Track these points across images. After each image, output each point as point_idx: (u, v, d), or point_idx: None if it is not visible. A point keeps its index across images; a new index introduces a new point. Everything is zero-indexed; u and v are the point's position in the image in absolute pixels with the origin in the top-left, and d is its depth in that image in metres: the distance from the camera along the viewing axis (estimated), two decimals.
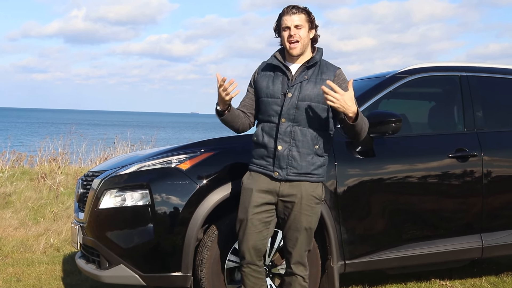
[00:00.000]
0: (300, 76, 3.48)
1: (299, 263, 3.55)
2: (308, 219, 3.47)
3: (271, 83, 3.52)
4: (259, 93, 3.57)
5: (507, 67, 5.09)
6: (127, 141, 14.36)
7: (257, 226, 3.47)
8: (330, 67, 3.54)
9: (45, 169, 11.56)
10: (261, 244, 3.51)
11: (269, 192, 3.47)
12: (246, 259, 3.52)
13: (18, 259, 6.11)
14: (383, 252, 4.31)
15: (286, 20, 3.48)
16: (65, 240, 6.77)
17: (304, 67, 3.51)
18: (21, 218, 7.80)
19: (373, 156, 4.29)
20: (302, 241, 3.51)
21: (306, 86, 3.45)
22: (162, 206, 3.88)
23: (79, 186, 4.62)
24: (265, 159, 3.48)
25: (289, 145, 3.42)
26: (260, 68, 3.65)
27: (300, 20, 3.47)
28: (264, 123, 3.53)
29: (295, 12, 3.47)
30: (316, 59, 3.52)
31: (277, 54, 3.59)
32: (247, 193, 3.51)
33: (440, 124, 4.97)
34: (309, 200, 3.45)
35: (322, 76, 3.47)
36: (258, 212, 3.47)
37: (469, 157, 4.52)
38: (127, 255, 3.92)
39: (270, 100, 3.49)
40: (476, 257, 4.66)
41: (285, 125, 3.42)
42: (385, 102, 4.68)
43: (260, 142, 3.50)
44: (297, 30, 3.46)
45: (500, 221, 4.66)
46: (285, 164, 3.42)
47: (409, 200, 4.41)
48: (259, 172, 3.50)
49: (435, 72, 4.81)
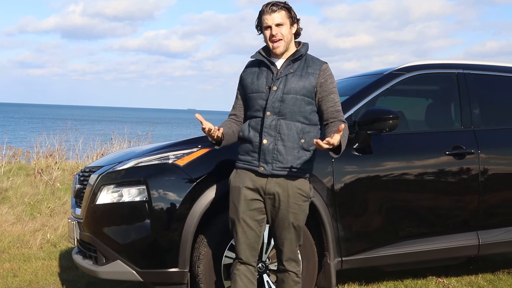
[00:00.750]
0: (285, 70, 3.44)
1: (291, 259, 3.50)
2: (295, 217, 3.41)
3: (256, 78, 3.48)
4: (245, 90, 3.53)
5: (504, 65, 5.10)
6: (124, 136, 14.34)
7: (249, 224, 3.42)
8: (316, 61, 3.48)
9: (42, 165, 11.54)
10: (255, 241, 3.46)
11: (256, 190, 3.42)
12: (242, 259, 3.47)
13: (14, 254, 6.10)
14: (380, 249, 4.32)
15: (267, 19, 3.41)
16: (62, 236, 6.77)
17: (289, 60, 3.46)
18: (17, 213, 7.79)
19: (370, 153, 4.30)
20: (292, 238, 3.46)
21: (292, 79, 3.39)
22: (159, 202, 3.88)
23: (76, 182, 4.61)
24: (250, 155, 3.44)
25: (274, 138, 3.36)
26: (246, 66, 3.62)
27: (281, 17, 3.40)
28: (251, 119, 3.49)
29: (275, 10, 3.40)
30: (301, 52, 3.47)
31: (261, 51, 3.54)
32: (235, 192, 3.46)
33: (437, 122, 4.98)
34: (296, 197, 3.40)
35: (308, 70, 3.42)
36: (250, 210, 3.42)
37: (466, 155, 4.53)
38: (124, 251, 3.92)
39: (255, 95, 3.46)
40: (473, 254, 4.67)
41: (270, 119, 3.37)
42: (382, 99, 4.69)
43: (246, 136, 3.46)
44: (279, 29, 3.40)
45: (496, 218, 4.68)
46: (271, 159, 3.36)
47: (406, 197, 4.42)
48: (244, 169, 3.46)
49: (432, 70, 4.82)
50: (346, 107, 4.34)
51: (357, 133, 4.25)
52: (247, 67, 3.61)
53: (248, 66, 3.61)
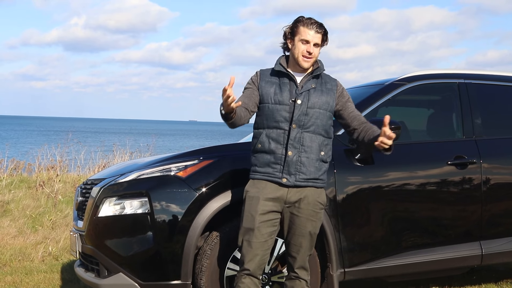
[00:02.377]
0: (307, 84, 3.54)
1: (302, 267, 3.59)
2: (313, 224, 3.53)
3: (279, 90, 3.53)
4: (265, 99, 3.54)
5: (506, 74, 5.10)
6: (126, 148, 14.34)
7: (263, 235, 3.46)
8: (331, 78, 3.66)
9: (43, 177, 11.54)
10: (265, 253, 3.50)
11: (277, 199, 3.47)
12: (249, 270, 3.47)
13: (16, 267, 6.08)
14: (383, 260, 4.30)
15: (308, 35, 3.50)
16: (64, 249, 6.75)
17: (310, 76, 3.57)
18: (19, 226, 7.77)
19: (372, 164, 4.29)
20: (306, 246, 3.55)
21: (314, 94, 3.52)
22: (161, 214, 3.88)
23: (78, 194, 4.61)
24: (271, 166, 3.48)
25: (298, 151, 3.46)
26: (263, 73, 3.63)
27: (319, 39, 3.53)
28: (270, 129, 3.51)
29: (319, 32, 3.51)
30: (321, 70, 3.61)
31: (283, 62, 3.60)
32: (253, 202, 3.48)
33: (439, 132, 4.98)
34: (314, 205, 3.51)
35: (327, 86, 3.60)
36: (265, 221, 3.46)
37: (468, 165, 4.53)
38: (127, 264, 3.91)
39: (278, 107, 3.49)
40: (476, 264, 4.66)
41: (295, 131, 3.46)
42: (384, 110, 4.69)
43: (267, 148, 3.49)
44: (315, 48, 3.53)
45: (499, 228, 4.66)
46: (294, 170, 3.45)
47: (408, 208, 4.41)
48: (264, 180, 3.49)
49: (434, 80, 4.82)
50: None
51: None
52: (264, 75, 3.61)
53: (265, 75, 3.62)
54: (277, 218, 3.51)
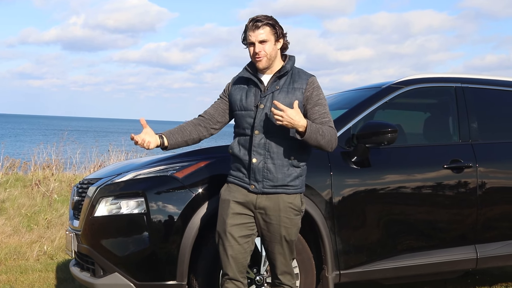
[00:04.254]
0: (271, 87, 3.41)
1: (285, 272, 3.49)
2: (287, 231, 3.40)
3: (244, 96, 3.46)
4: (233, 106, 3.51)
5: (503, 79, 5.12)
6: (122, 148, 14.32)
7: (236, 238, 3.38)
8: (303, 75, 3.44)
9: (39, 176, 11.52)
10: (242, 257, 3.41)
11: (246, 204, 3.40)
12: (228, 275, 3.41)
13: (11, 266, 6.08)
14: (378, 262, 4.31)
15: (250, 36, 3.38)
16: (59, 248, 6.74)
17: (275, 77, 3.43)
18: (14, 225, 7.76)
19: (369, 166, 4.30)
20: (285, 252, 3.44)
21: (278, 96, 3.36)
22: (157, 215, 3.87)
23: (74, 194, 4.61)
24: (241, 171, 3.44)
25: (263, 157, 3.35)
26: (234, 81, 3.58)
27: (264, 34, 3.36)
28: (240, 136, 3.47)
29: (258, 26, 3.35)
30: (286, 69, 3.43)
31: (248, 67, 3.51)
32: (224, 205, 3.44)
33: (435, 135, 4.99)
34: (287, 212, 3.38)
35: (294, 85, 3.39)
36: (237, 224, 3.38)
37: (464, 168, 4.54)
38: (122, 263, 3.91)
39: (243, 113, 3.44)
40: (471, 268, 4.66)
41: (258, 137, 3.36)
42: (380, 113, 4.70)
43: (236, 154, 3.45)
44: (262, 46, 3.37)
45: (494, 232, 4.67)
46: (261, 177, 3.36)
47: (404, 211, 4.42)
48: (236, 184, 3.45)
49: (431, 83, 4.83)
50: (345, 121, 4.37)
51: (355, 147, 4.26)
52: (235, 82, 3.56)
53: (235, 82, 3.57)
54: (251, 222, 3.42)
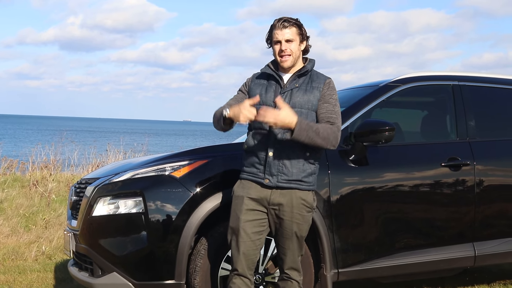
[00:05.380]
0: (291, 84, 3.52)
1: (293, 268, 3.57)
2: (299, 227, 3.48)
3: (264, 91, 3.55)
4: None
5: (500, 77, 5.12)
6: (120, 148, 14.32)
7: (249, 234, 3.45)
8: (321, 77, 3.57)
9: (37, 176, 11.51)
10: (253, 253, 3.49)
11: (260, 200, 3.46)
12: (238, 270, 3.48)
13: (9, 266, 6.07)
14: (376, 260, 4.31)
15: (277, 34, 3.50)
16: (57, 248, 6.74)
17: (295, 75, 3.55)
18: (12, 225, 7.75)
19: (367, 165, 4.31)
20: (294, 248, 3.52)
21: (297, 94, 3.48)
22: (155, 214, 3.88)
23: (72, 194, 4.61)
24: (255, 167, 3.49)
25: (280, 151, 3.42)
26: (255, 76, 3.68)
27: (291, 34, 3.49)
28: (256, 130, 3.53)
29: (286, 26, 3.49)
30: (307, 68, 3.56)
31: (271, 64, 3.62)
32: (238, 201, 3.50)
33: (433, 133, 4.99)
34: (299, 208, 3.46)
35: (312, 84, 3.52)
36: (250, 220, 3.45)
37: (462, 166, 4.54)
38: (120, 263, 3.91)
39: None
40: (469, 265, 4.68)
41: (276, 132, 3.43)
42: (378, 111, 4.70)
43: (251, 149, 3.51)
44: (288, 44, 3.49)
45: (492, 230, 4.68)
46: (276, 171, 3.42)
47: (402, 209, 4.42)
48: (249, 180, 3.50)
49: (428, 81, 4.83)
50: (342, 119, 4.36)
51: (353, 145, 4.26)
52: (256, 78, 3.65)
53: (256, 77, 3.66)
54: (264, 218, 3.49)
